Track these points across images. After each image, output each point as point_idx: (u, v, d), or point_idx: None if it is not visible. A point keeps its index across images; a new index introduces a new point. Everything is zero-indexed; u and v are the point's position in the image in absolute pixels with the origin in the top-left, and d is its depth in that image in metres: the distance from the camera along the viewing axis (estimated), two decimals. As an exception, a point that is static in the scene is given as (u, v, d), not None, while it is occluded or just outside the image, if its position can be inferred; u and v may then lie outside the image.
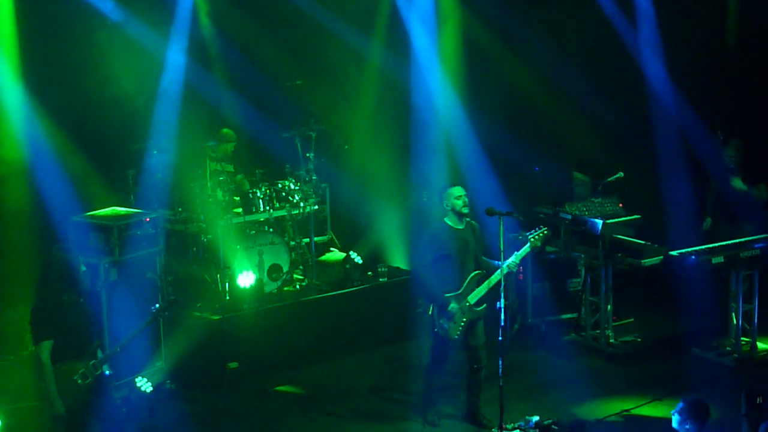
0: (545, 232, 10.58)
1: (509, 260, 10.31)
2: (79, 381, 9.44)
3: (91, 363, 9.46)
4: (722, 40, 15.31)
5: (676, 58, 14.96)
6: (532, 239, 10.50)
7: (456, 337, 10.36)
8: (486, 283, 10.36)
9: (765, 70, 14.90)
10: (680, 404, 8.10)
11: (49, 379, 9.45)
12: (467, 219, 10.48)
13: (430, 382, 10.79)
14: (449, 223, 10.42)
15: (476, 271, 10.41)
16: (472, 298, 10.35)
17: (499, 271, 10.22)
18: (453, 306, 10.25)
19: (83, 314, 9.71)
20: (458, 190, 10.38)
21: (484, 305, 10.43)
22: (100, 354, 9.59)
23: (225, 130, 13.62)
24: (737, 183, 12.73)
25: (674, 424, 8.09)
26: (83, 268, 9.88)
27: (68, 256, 9.77)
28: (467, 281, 10.36)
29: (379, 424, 10.90)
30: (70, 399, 9.47)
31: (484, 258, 10.54)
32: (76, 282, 9.76)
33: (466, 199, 10.38)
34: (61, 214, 12.07)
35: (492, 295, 10.35)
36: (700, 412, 8.02)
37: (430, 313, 10.41)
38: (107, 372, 9.60)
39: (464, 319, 10.34)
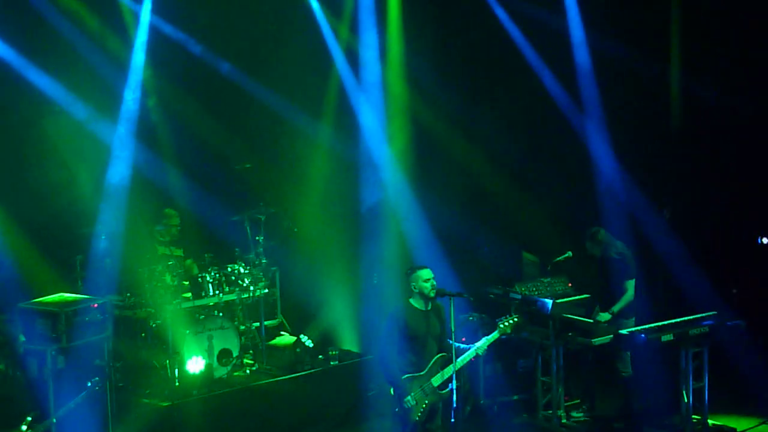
0: (516, 319, 10.61)
1: (478, 344, 10.36)
2: None
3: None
4: (667, 121, 15.52)
5: (621, 135, 15.14)
6: (501, 326, 10.54)
7: (417, 419, 10.23)
8: (451, 366, 10.27)
9: (709, 149, 15.12)
10: None
11: None
12: (433, 301, 10.45)
13: None
14: (414, 304, 10.36)
15: (441, 354, 10.36)
16: (436, 380, 10.29)
17: (465, 354, 10.28)
18: (409, 399, 10.17)
19: (19, 385, 9.50)
20: (427, 273, 10.31)
21: (449, 388, 10.24)
22: (38, 426, 9.39)
23: (167, 209, 13.56)
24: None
25: None
26: (22, 339, 9.67)
27: (7, 328, 9.58)
28: (431, 363, 10.30)
29: None
30: None
31: (450, 341, 10.48)
32: (15, 353, 9.58)
33: (434, 282, 10.32)
34: (7, 300, 11.92)
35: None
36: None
37: (391, 393, 10.33)
38: None
39: (426, 401, 10.25)
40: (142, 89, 14.01)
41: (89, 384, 9.81)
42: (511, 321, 10.57)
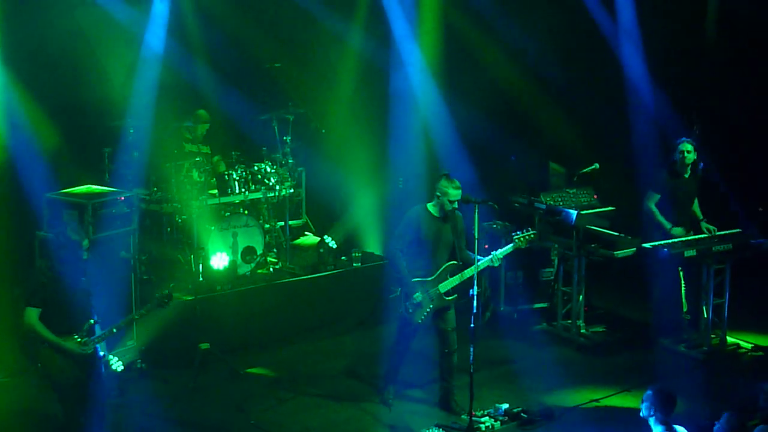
0: (532, 235, 10.57)
1: (491, 256, 10.36)
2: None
3: (79, 339, 9.07)
4: (701, 33, 15.36)
5: (654, 49, 15.01)
6: (517, 240, 10.51)
7: (420, 321, 10.42)
8: (460, 275, 10.40)
9: (742, 64, 14.97)
10: (648, 392, 8.18)
11: (45, 333, 8.96)
12: (451, 212, 10.44)
13: (392, 362, 10.87)
14: (431, 210, 10.43)
15: (451, 262, 10.44)
16: (444, 287, 10.39)
17: (475, 265, 10.21)
18: (418, 295, 10.32)
19: (81, 293, 9.24)
20: (456, 194, 10.26)
21: (455, 296, 10.49)
22: (97, 331, 9.28)
23: (200, 111, 13.58)
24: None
25: (642, 412, 8.17)
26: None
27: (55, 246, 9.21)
28: (441, 269, 10.40)
29: (348, 407, 10.90)
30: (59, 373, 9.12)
31: (467, 251, 10.53)
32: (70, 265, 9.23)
33: (456, 205, 10.35)
34: (36, 192, 11.99)
35: (465, 285, 10.42)
36: (667, 401, 8.09)
37: (397, 294, 10.47)
38: (102, 353, 9.27)
39: (431, 306, 10.38)
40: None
41: (157, 296, 9.45)
42: (526, 235, 10.56)
